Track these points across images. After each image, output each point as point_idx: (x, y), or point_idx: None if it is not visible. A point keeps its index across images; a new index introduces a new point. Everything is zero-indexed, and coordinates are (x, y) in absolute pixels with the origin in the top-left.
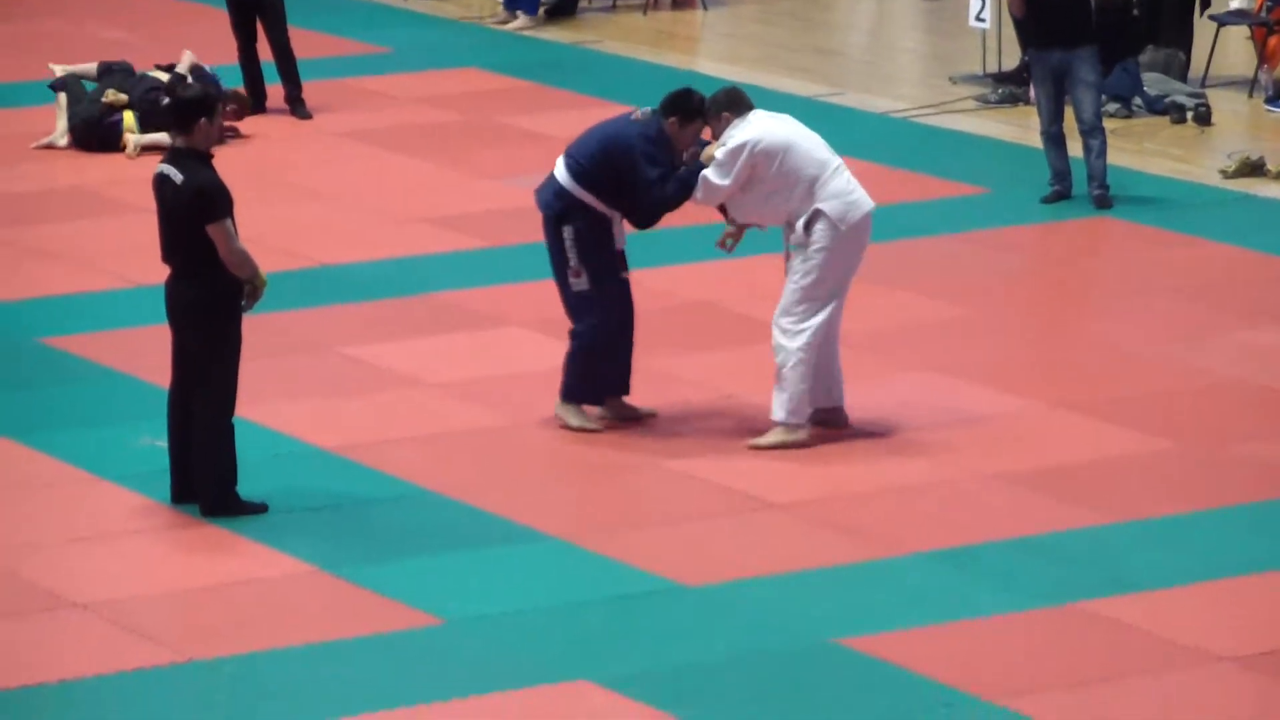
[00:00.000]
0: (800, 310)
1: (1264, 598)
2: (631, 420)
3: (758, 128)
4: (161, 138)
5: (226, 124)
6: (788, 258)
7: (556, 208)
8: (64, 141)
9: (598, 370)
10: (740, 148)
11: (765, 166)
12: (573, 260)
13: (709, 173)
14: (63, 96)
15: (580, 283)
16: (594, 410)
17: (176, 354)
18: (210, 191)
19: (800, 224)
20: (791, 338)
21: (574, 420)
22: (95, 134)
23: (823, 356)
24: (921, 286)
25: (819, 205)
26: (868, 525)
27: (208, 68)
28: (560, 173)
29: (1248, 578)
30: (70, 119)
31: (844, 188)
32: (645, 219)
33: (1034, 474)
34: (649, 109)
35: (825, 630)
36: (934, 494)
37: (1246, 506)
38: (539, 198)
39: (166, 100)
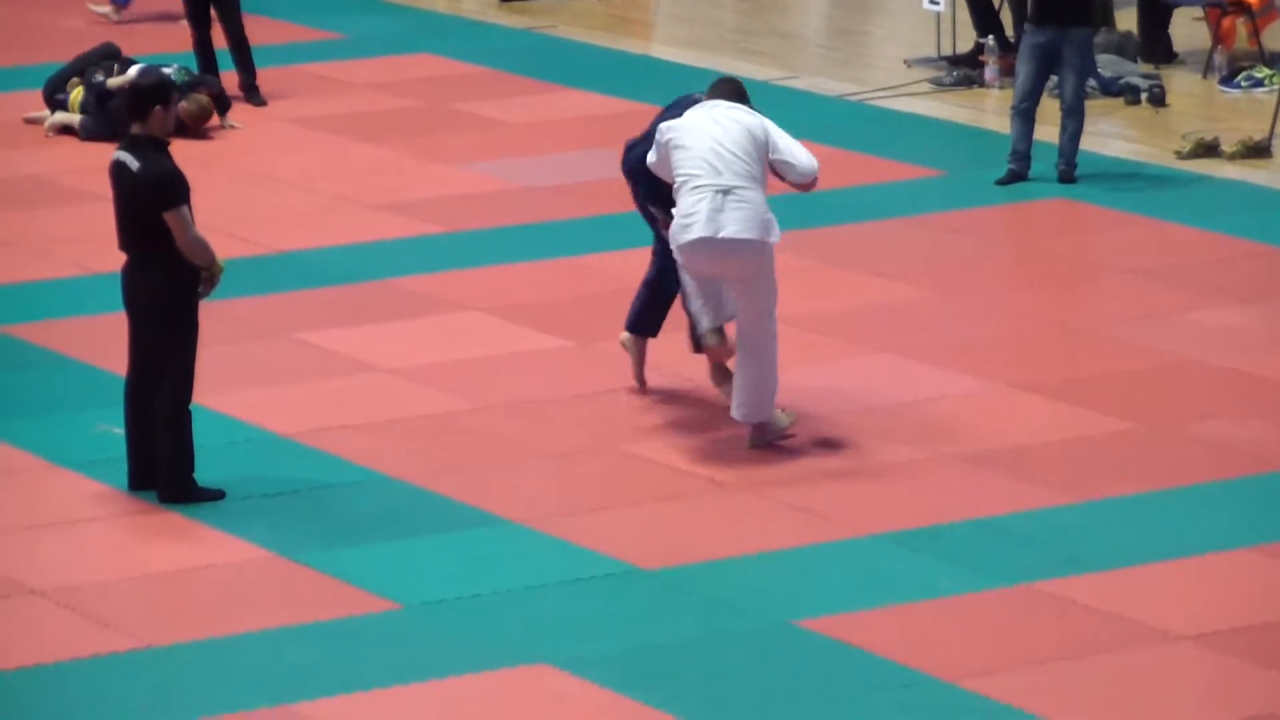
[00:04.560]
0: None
1: (1221, 576)
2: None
3: (676, 120)
4: (72, 117)
5: (201, 126)
6: None
7: (627, 165)
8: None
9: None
10: (663, 130)
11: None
12: (659, 214)
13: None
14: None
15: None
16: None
17: (133, 341)
18: (167, 179)
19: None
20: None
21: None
22: (51, 103)
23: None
24: (878, 269)
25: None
26: (826, 507)
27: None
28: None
29: (1205, 557)
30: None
31: (686, 209)
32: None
33: (992, 454)
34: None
35: (784, 612)
36: (892, 475)
37: (1203, 486)
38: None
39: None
